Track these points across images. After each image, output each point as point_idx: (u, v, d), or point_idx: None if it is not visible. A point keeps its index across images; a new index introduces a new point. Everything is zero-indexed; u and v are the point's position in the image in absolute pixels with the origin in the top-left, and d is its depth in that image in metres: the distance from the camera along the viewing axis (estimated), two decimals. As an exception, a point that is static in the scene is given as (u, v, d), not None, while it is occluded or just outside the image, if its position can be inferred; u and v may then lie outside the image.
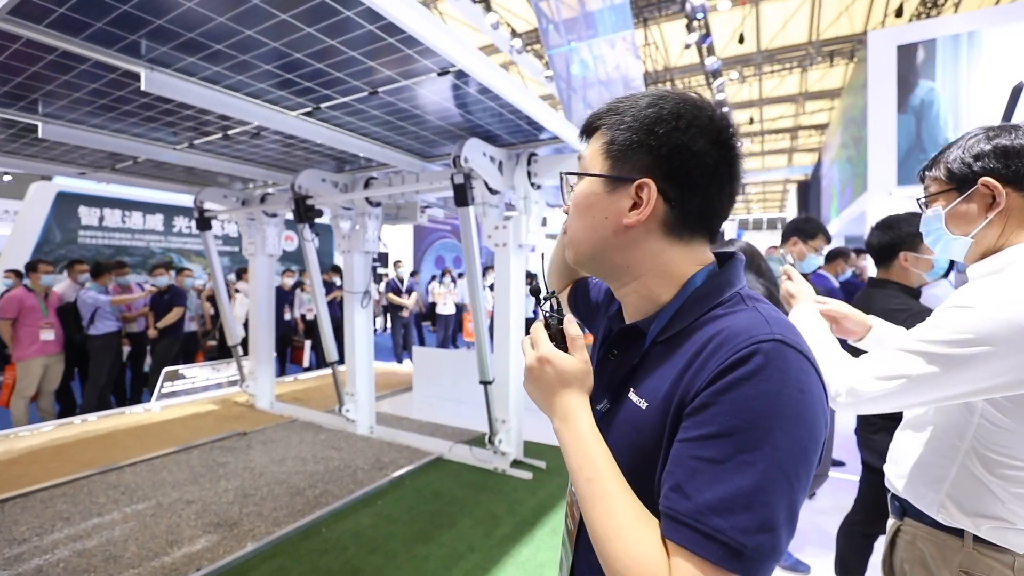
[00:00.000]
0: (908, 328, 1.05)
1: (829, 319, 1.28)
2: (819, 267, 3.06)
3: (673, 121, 0.61)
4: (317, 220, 4.25)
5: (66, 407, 5.07)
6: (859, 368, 1.00)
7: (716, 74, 12.74)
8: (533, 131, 3.25)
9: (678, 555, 0.50)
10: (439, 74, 2.34)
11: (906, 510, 1.10)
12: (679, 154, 0.61)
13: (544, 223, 3.59)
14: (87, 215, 7.64)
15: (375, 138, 3.40)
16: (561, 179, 0.73)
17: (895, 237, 1.87)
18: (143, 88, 2.23)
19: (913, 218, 1.78)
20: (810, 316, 1.22)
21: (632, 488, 0.58)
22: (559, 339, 0.68)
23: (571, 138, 3.14)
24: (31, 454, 3.80)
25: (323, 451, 3.94)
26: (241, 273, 7.06)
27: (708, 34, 11.03)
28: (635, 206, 0.63)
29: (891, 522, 1.14)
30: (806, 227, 2.72)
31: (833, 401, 1.05)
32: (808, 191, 16.73)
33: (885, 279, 1.95)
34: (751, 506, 0.49)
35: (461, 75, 2.37)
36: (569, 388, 0.64)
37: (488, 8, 10.41)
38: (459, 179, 3.11)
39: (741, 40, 12.33)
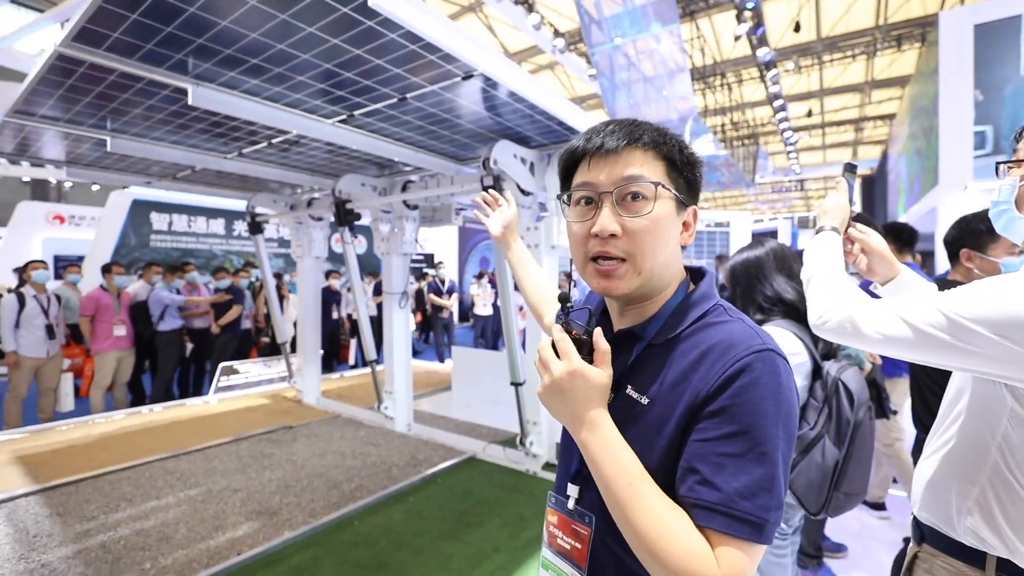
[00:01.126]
0: None
1: (862, 250, 1.23)
2: None
3: (696, 159, 0.74)
4: (359, 222, 4.41)
5: (137, 397, 5.52)
6: (869, 304, 0.96)
7: (770, 65, 12.16)
8: (564, 132, 3.22)
9: (719, 538, 0.58)
10: (463, 78, 2.37)
11: (925, 535, 1.01)
12: (698, 186, 0.74)
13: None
14: (158, 220, 8.29)
15: (409, 143, 3.48)
16: (633, 194, 0.68)
17: (960, 232, 1.72)
18: (190, 102, 2.39)
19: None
20: (829, 241, 1.15)
21: None
22: (584, 349, 0.67)
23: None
24: (103, 439, 4.16)
25: (362, 447, 4.07)
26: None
27: (760, 24, 10.55)
28: (684, 227, 0.73)
29: (910, 547, 1.05)
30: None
31: (819, 328, 1.03)
32: (873, 187, 15.64)
33: (951, 280, 1.79)
34: (770, 489, 0.59)
35: (486, 79, 2.39)
36: (596, 400, 0.66)
37: (530, 9, 10.42)
38: (489, 181, 3.13)
39: (797, 28, 11.71)
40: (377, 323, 6.95)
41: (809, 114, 16.88)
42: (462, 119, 3.04)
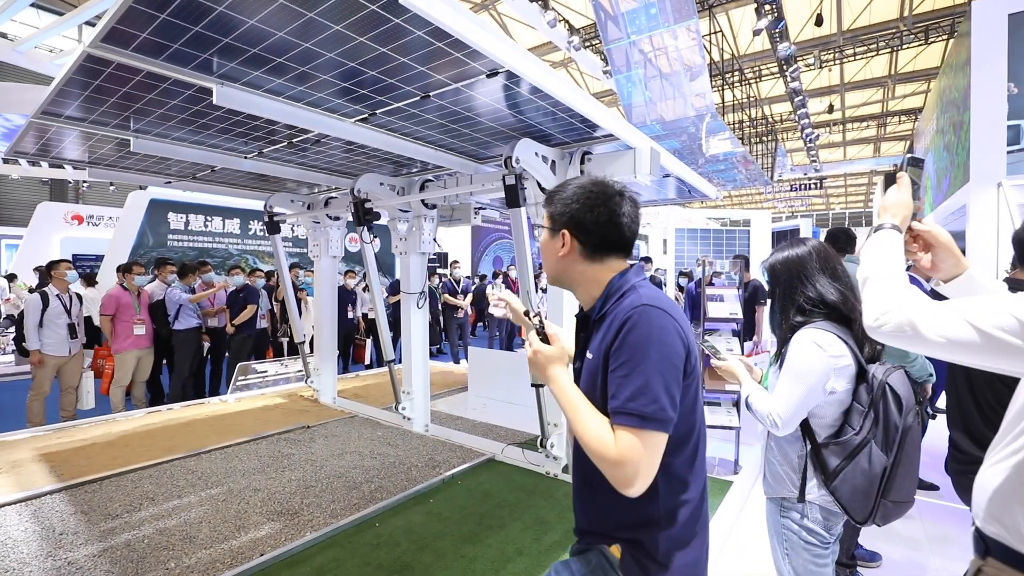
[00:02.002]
0: None
1: (925, 244, 1.15)
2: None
3: (576, 199, 1.09)
4: (376, 222, 4.39)
5: (156, 396, 5.58)
6: (931, 305, 0.90)
7: (790, 61, 11.93)
8: (587, 129, 3.17)
9: (618, 429, 0.94)
10: (488, 76, 2.33)
11: (990, 548, 0.95)
12: (578, 216, 1.08)
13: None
14: (175, 220, 8.38)
15: (429, 142, 3.45)
16: (534, 228, 1.22)
17: None
18: (215, 102, 2.38)
19: None
20: (889, 239, 1.07)
21: (592, 402, 1.02)
22: (545, 338, 1.10)
23: (625, 134, 3.03)
24: (124, 438, 4.20)
25: (380, 447, 4.06)
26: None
27: (780, 18, 10.34)
28: (563, 246, 1.10)
29: (972, 560, 0.99)
30: None
31: (876, 331, 0.96)
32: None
33: (1021, 279, 1.70)
34: (645, 393, 0.92)
35: (511, 76, 2.35)
36: (553, 363, 1.07)
37: (546, 6, 10.34)
38: (510, 180, 3.09)
39: (819, 22, 11.47)
40: (392, 323, 6.94)
41: (831, 109, 16.57)
42: (483, 117, 3.00)
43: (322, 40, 2.06)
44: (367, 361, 7.63)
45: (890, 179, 1.15)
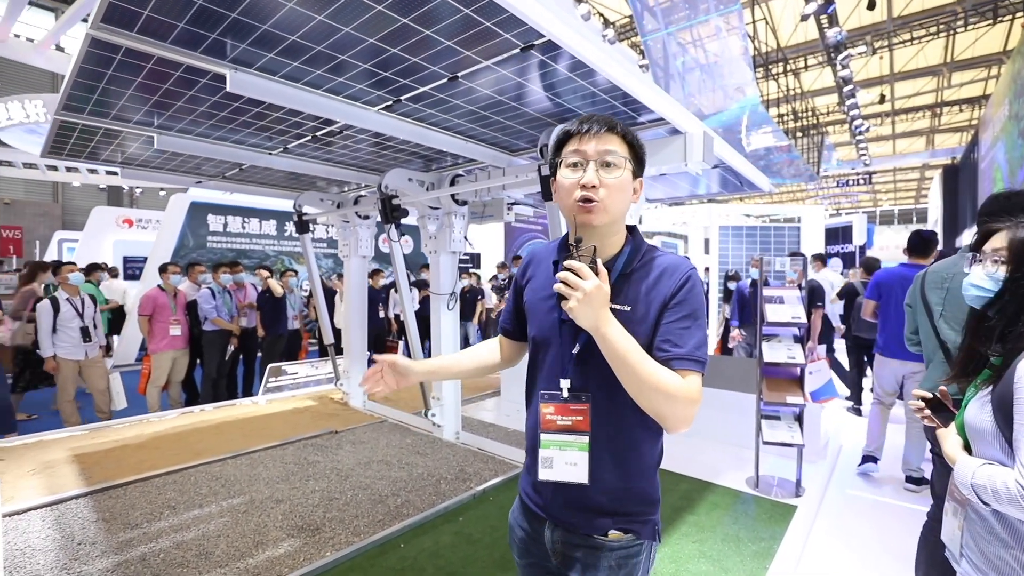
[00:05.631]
0: None
1: None
2: None
3: (643, 146, 1.08)
4: (405, 221, 4.21)
5: (191, 396, 5.57)
6: None
7: (839, 48, 11.22)
8: (631, 114, 2.88)
9: (688, 373, 0.96)
10: (522, 49, 2.08)
11: None
12: (643, 165, 1.09)
13: (640, 221, 3.19)
14: (214, 222, 8.49)
15: (459, 132, 3.23)
16: (607, 163, 1.01)
17: None
18: (229, 89, 2.22)
19: None
20: None
21: None
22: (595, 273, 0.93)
23: (676, 117, 2.72)
24: (155, 440, 4.15)
25: (408, 456, 3.86)
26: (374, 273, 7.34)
27: (830, 2, 9.71)
28: (634, 191, 1.07)
29: None
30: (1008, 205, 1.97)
31: None
32: (958, 177, 14.14)
33: None
34: (704, 344, 1.00)
35: (547, 49, 2.09)
36: (606, 304, 0.94)
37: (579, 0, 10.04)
38: (547, 171, 2.83)
39: (871, 6, 10.74)
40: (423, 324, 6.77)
41: (882, 99, 15.58)
42: (516, 103, 2.76)
43: (335, 11, 1.86)
44: (398, 363, 7.49)
45: None
